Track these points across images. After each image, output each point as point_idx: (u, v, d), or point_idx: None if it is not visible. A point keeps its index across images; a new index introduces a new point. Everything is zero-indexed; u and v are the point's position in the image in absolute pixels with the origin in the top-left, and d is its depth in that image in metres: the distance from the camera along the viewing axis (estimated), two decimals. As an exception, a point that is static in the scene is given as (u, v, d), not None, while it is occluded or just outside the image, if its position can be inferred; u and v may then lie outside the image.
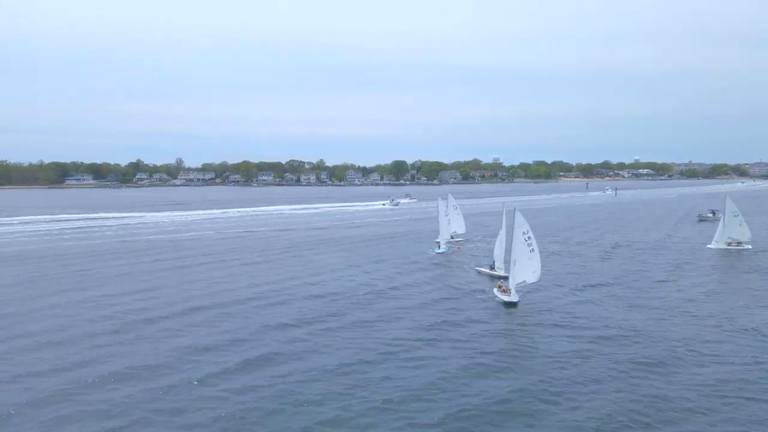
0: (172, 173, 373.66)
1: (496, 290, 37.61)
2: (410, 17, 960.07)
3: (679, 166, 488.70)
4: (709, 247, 61.31)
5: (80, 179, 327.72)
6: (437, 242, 61.03)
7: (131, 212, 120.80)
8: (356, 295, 39.37)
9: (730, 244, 59.99)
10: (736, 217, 60.05)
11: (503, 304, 35.63)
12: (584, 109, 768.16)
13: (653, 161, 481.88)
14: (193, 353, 27.34)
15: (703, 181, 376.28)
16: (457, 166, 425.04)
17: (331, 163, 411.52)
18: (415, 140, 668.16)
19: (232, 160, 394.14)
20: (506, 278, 38.22)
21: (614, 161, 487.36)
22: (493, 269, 46.45)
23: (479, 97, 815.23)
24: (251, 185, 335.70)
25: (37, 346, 28.72)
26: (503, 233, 46.18)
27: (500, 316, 33.72)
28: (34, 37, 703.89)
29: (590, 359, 26.00)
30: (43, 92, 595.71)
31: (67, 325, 32.57)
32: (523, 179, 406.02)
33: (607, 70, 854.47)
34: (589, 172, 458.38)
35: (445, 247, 59.33)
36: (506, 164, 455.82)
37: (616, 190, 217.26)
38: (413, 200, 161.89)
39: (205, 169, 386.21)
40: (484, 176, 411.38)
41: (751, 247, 59.48)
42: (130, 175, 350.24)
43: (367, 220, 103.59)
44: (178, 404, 21.55)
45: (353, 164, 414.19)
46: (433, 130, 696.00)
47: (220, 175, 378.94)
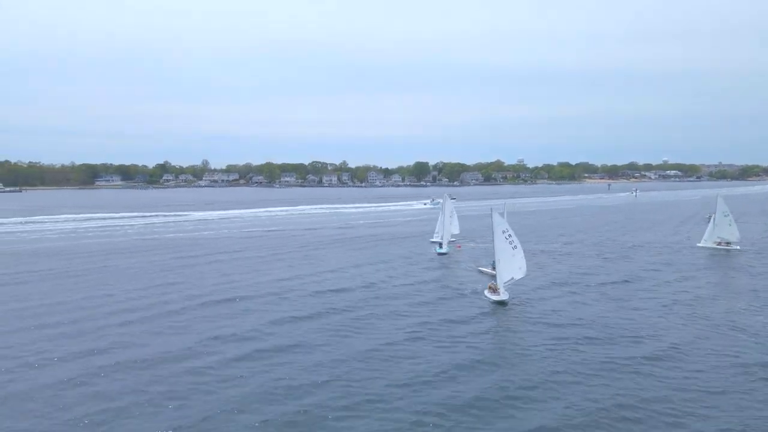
0: (197, 174, 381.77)
1: (486, 291, 38.63)
2: (430, 17, 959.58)
3: (708, 167, 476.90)
4: (698, 245, 62.71)
5: (109, 180, 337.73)
6: (438, 242, 61.86)
7: (154, 212, 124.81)
8: (365, 292, 41.45)
9: (719, 243, 61.04)
10: (726, 217, 60.86)
11: (493, 303, 36.72)
12: (612, 109, 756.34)
13: (682, 162, 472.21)
14: (207, 342, 29.33)
15: (732, 182, 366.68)
16: (479, 167, 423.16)
17: (353, 164, 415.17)
18: (436, 141, 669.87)
19: (256, 161, 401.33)
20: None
21: (641, 162, 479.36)
22: (494, 269, 47.33)
23: (502, 97, 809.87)
24: (273, 186, 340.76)
25: (57, 334, 31.10)
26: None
27: (489, 314, 34.77)
28: (70, 45, 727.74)
29: (568, 354, 26.89)
30: (75, 96, 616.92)
31: (86, 315, 35.02)
32: (546, 181, 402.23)
33: (636, 69, 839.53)
34: (614, 173, 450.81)
35: (446, 247, 60.29)
36: (530, 166, 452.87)
37: (636, 191, 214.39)
38: (453, 200, 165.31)
39: (229, 170, 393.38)
40: (506, 178, 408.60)
41: (739, 247, 60.45)
42: (157, 176, 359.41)
43: (408, 218, 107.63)
44: (170, 387, 23.37)
45: (375, 165, 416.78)
46: (454, 130, 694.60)
47: (243, 176, 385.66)
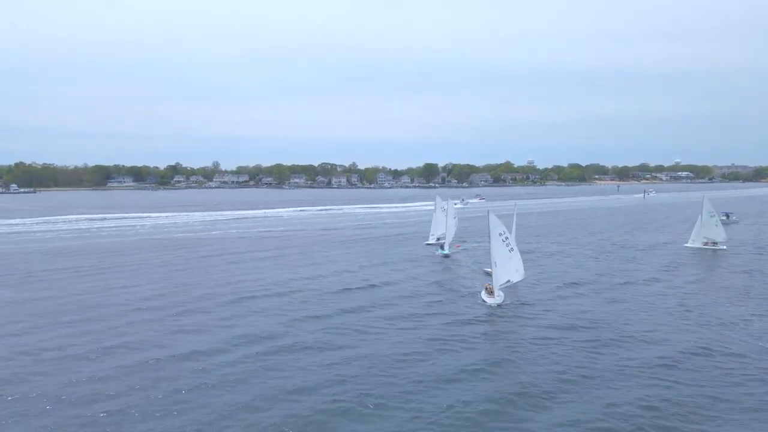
0: (208, 176, 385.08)
1: (483, 293, 39.04)
2: (439, 19, 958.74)
3: (721, 168, 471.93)
4: (685, 245, 63.63)
5: (121, 182, 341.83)
6: (440, 243, 61.99)
7: (162, 212, 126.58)
8: (366, 292, 42.12)
9: (706, 243, 62.12)
10: (712, 217, 62.38)
11: (488, 305, 37.11)
12: (623, 110, 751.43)
13: (694, 164, 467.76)
14: (213, 341, 30.14)
15: (745, 184, 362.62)
16: (488, 168, 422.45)
17: (363, 165, 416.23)
18: (446, 143, 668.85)
19: (266, 163, 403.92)
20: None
21: (652, 164, 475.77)
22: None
23: (511, 98, 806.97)
24: (283, 188, 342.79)
25: (70, 331, 32.14)
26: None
27: (488, 316, 35.13)
28: (83, 49, 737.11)
29: (557, 352, 27.54)
30: (88, 99, 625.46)
31: (99, 313, 36.04)
32: (555, 182, 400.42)
33: (647, 69, 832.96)
34: (625, 174, 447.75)
35: (448, 248, 60.67)
36: (540, 167, 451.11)
37: (651, 192, 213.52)
38: (482, 200, 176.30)
39: (239, 171, 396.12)
40: (515, 179, 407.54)
41: (725, 247, 61.33)
42: (168, 177, 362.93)
43: (468, 215, 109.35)
44: (177, 385, 24.32)
45: (384, 167, 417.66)
46: (464, 132, 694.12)
47: (253, 177, 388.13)
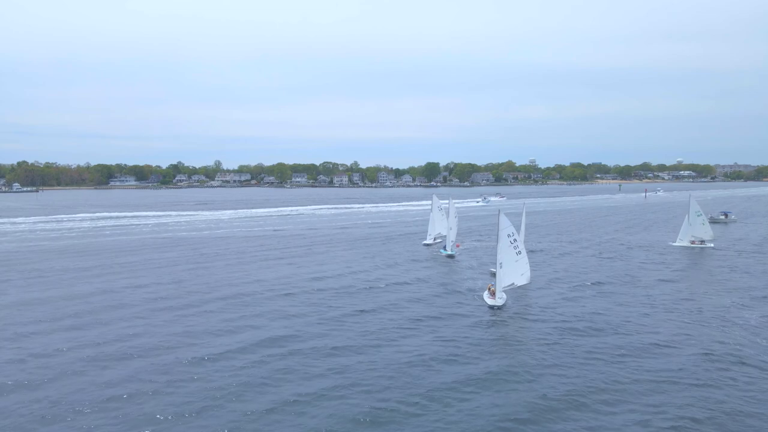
0: (210, 175, 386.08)
1: (485, 294, 39.04)
2: (442, 19, 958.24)
3: (723, 168, 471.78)
4: (672, 244, 64.40)
5: (124, 181, 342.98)
6: (439, 243, 61.66)
7: (165, 211, 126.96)
8: (367, 293, 41.83)
9: (693, 242, 62.85)
10: (699, 216, 63.02)
11: (489, 306, 37.13)
12: (626, 109, 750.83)
13: (696, 163, 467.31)
14: (208, 337, 29.94)
15: (747, 183, 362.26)
16: (490, 167, 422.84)
17: (364, 165, 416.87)
18: (447, 142, 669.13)
19: (267, 162, 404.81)
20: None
21: (654, 163, 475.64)
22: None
23: (513, 97, 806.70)
24: (285, 187, 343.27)
25: (72, 327, 31.97)
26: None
27: (482, 317, 35.21)
28: (87, 49, 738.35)
29: (565, 361, 27.61)
30: (91, 99, 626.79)
31: (102, 309, 35.89)
32: (557, 181, 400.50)
33: (650, 69, 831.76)
34: (627, 174, 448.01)
35: (450, 248, 60.54)
36: (542, 166, 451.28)
37: (646, 192, 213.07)
38: (503, 198, 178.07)
39: (241, 170, 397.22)
40: (517, 178, 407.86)
41: (713, 245, 62.03)
42: (170, 176, 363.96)
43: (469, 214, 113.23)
44: (173, 376, 24.55)
45: (386, 166, 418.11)
46: (466, 131, 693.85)
47: (255, 176, 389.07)
